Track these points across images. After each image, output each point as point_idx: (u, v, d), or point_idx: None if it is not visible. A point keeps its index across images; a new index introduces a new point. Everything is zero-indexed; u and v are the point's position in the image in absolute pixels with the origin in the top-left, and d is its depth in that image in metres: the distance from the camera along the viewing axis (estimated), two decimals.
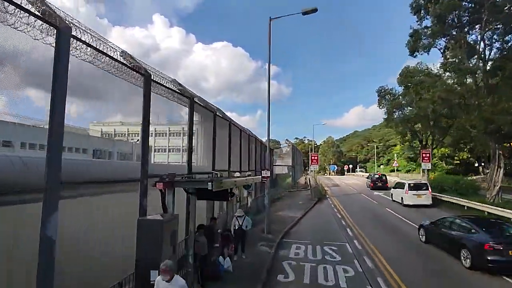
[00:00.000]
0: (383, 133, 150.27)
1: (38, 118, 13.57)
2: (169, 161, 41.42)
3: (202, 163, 10.22)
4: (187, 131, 8.72)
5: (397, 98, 29.28)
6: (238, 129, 15.29)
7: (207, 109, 10.17)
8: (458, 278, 8.29)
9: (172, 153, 47.68)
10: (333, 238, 12.56)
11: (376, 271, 8.67)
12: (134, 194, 5.67)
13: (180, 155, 38.06)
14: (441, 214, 15.44)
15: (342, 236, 12.95)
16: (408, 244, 11.56)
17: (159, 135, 50.33)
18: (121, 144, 40.11)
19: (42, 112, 5.85)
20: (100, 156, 31.72)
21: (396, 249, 10.94)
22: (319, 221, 16.48)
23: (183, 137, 41.67)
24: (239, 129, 15.40)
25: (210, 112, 10.52)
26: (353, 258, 9.92)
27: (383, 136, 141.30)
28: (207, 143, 10.52)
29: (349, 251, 10.68)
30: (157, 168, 7.15)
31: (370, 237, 12.53)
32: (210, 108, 10.38)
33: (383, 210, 19.79)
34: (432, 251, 10.58)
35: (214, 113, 10.74)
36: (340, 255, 10.15)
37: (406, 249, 11.02)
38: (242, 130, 16.02)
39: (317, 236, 12.85)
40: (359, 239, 12.23)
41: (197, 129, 10.01)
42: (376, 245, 11.30)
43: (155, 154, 44.59)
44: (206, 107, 9.96)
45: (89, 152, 30.94)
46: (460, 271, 8.76)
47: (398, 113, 30.16)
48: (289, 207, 20.75)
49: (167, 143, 50.15)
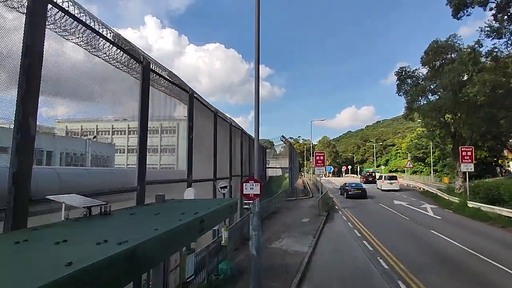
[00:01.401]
0: (378, 132, 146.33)
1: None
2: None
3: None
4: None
5: (424, 81, 22.92)
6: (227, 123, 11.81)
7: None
8: None
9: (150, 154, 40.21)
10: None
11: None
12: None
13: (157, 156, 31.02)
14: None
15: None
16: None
17: (133, 133, 42.93)
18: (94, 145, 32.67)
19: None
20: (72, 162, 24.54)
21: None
22: (343, 261, 9.85)
23: (160, 135, 34.89)
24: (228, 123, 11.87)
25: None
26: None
27: (380, 135, 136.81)
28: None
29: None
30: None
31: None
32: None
33: (431, 235, 13.37)
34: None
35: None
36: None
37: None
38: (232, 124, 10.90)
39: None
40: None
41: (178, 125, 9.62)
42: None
43: (128, 155, 37.38)
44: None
45: (56, 156, 23.69)
46: None
47: (422, 101, 23.87)
48: (289, 229, 14.17)
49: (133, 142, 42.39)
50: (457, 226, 14.95)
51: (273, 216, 17.75)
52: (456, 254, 10.35)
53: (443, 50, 21.81)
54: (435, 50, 22.13)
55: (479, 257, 9.80)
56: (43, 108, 3.52)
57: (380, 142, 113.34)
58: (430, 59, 22.47)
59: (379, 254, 10.38)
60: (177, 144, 12.54)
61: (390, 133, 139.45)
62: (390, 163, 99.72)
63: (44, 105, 3.50)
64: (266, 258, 8.86)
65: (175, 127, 11.96)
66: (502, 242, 11.59)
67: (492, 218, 15.40)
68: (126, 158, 36.30)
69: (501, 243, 11.51)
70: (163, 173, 8.93)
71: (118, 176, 6.09)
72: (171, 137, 14.34)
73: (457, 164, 23.19)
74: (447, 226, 14.68)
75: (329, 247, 11.56)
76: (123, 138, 37.58)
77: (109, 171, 9.72)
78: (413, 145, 56.36)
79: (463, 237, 12.45)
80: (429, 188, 28.11)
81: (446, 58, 22.07)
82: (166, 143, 15.92)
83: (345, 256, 10.35)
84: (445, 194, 22.31)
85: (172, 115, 7.76)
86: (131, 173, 5.45)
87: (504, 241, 11.75)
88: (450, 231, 13.45)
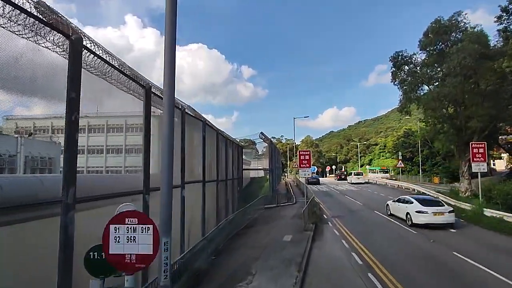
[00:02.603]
0: (360, 132, 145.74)
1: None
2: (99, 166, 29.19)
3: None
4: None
5: (425, 67, 19.56)
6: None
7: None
8: None
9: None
10: None
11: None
12: None
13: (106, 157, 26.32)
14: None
15: None
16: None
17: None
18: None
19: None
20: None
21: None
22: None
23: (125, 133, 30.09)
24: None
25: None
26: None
27: (362, 135, 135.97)
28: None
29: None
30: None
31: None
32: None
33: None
34: None
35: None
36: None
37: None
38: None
39: None
40: None
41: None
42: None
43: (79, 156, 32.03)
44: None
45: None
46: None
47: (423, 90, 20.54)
48: (264, 255, 10.19)
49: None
50: (485, 245, 11.50)
51: (247, 232, 13.78)
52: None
53: (447, 30, 18.66)
54: (437, 30, 18.95)
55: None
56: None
57: (364, 142, 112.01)
58: (432, 41, 19.25)
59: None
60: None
61: (372, 132, 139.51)
62: (373, 162, 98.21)
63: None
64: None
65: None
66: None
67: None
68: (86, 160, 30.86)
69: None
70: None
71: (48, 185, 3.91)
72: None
73: (463, 164, 20.10)
74: (473, 247, 11.19)
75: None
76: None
77: (36, 179, 5.89)
78: (400, 143, 53.97)
79: (506, 265, 8.92)
80: (426, 191, 24.97)
81: (450, 40, 18.94)
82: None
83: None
84: (451, 198, 19.05)
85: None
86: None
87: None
88: (483, 256, 9.93)
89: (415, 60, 20.93)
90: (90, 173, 25.10)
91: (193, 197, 10.71)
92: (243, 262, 9.33)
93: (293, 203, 23.29)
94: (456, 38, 18.74)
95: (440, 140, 21.78)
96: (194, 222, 10.65)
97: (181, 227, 8.78)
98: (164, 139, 3.38)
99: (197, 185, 11.13)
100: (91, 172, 25.85)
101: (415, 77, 20.20)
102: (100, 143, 30.45)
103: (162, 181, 3.29)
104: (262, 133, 25.81)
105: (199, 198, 11.28)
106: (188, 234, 9.94)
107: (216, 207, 13.70)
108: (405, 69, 21.21)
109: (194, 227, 10.57)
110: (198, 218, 10.93)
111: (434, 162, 44.60)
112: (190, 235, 10.11)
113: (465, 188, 20.19)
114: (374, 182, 44.38)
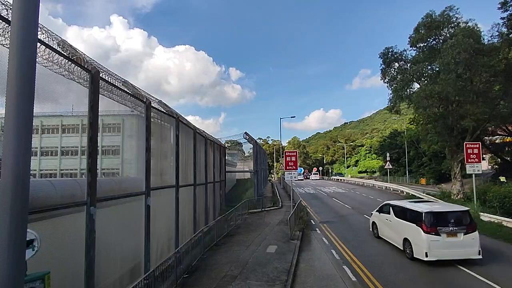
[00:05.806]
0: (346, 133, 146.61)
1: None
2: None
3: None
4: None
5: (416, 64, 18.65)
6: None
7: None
8: None
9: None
10: None
11: None
12: None
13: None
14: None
15: None
16: None
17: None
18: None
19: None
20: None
21: None
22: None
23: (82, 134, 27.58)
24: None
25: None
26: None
27: (348, 136, 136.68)
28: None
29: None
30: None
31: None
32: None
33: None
34: None
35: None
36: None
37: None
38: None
39: None
40: None
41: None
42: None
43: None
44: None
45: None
46: None
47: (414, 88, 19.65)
48: (244, 272, 8.75)
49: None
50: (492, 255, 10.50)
51: (227, 242, 12.33)
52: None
53: (439, 24, 17.85)
54: (429, 25, 18.12)
55: None
56: None
57: (350, 143, 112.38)
58: (423, 36, 18.41)
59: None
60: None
61: (358, 134, 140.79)
62: (359, 163, 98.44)
63: None
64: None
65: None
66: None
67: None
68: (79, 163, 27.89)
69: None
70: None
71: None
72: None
73: (454, 165, 19.31)
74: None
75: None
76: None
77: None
78: (386, 144, 53.72)
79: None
80: (416, 193, 24.19)
81: (441, 35, 18.16)
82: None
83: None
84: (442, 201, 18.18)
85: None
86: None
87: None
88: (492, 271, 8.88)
89: (405, 57, 20.13)
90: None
91: (164, 205, 9.24)
92: (219, 284, 7.89)
93: (279, 207, 21.97)
94: (448, 34, 17.96)
95: (431, 141, 21.00)
96: (166, 233, 9.18)
97: (146, 241, 7.31)
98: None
99: (169, 191, 9.69)
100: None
101: (406, 75, 19.33)
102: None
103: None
104: (246, 133, 24.43)
105: (171, 205, 9.83)
106: (157, 249, 8.47)
107: (193, 213, 12.24)
108: (395, 66, 20.36)
109: (164, 239, 9.09)
110: (171, 227, 9.47)
111: (421, 163, 44.36)
112: (160, 250, 8.64)
113: (457, 190, 19.38)
114: (361, 184, 46.39)
